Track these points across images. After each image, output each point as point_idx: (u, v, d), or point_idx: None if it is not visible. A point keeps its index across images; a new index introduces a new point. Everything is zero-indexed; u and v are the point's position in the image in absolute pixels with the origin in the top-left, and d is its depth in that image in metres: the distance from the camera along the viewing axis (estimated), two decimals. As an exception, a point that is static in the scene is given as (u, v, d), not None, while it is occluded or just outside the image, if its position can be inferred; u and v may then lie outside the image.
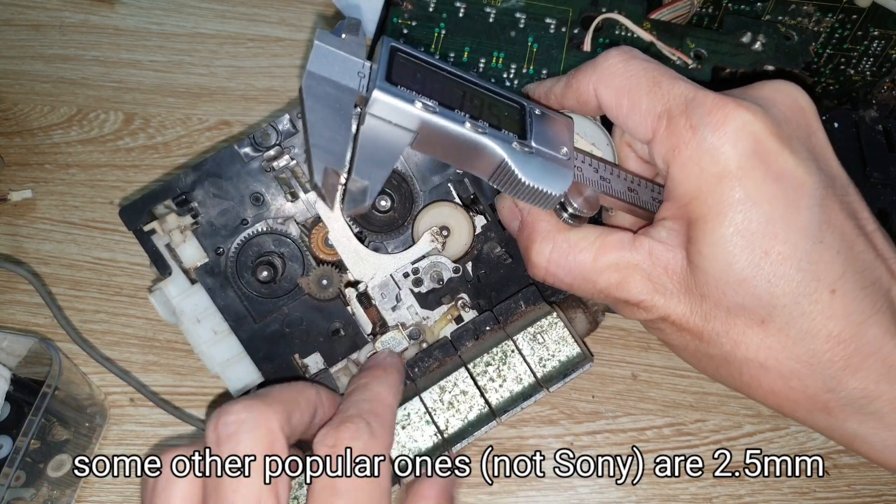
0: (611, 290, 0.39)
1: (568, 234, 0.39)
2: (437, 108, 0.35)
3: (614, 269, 0.38)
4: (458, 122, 0.36)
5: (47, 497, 0.56)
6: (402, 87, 0.35)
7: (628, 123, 0.39)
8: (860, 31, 0.63)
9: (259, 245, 0.44)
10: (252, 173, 0.44)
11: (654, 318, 0.39)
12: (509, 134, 0.37)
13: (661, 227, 0.38)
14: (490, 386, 0.43)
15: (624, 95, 0.39)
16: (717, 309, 0.37)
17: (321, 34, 0.36)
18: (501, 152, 0.37)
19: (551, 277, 0.41)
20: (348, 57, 0.36)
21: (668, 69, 0.39)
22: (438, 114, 0.35)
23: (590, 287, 0.40)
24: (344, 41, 0.36)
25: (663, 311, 0.38)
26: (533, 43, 0.60)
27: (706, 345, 0.38)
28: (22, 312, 0.65)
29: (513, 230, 0.43)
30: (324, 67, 0.36)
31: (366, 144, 0.36)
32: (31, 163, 0.71)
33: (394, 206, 0.44)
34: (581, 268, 0.39)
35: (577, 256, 0.39)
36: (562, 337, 0.44)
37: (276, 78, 0.76)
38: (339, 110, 0.36)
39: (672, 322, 0.39)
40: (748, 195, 0.35)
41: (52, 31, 0.78)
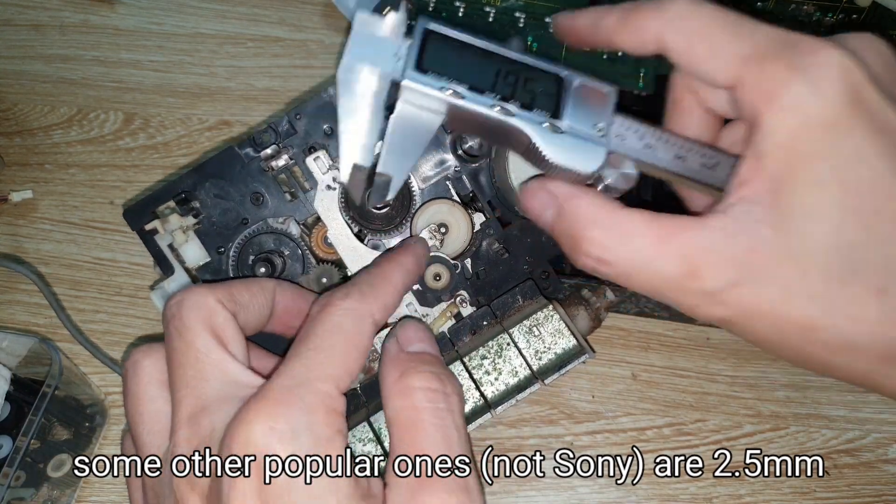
0: (680, 282, 0.33)
1: (619, 215, 0.34)
2: (465, 92, 0.35)
3: (681, 257, 0.33)
4: (486, 106, 0.36)
5: (47, 497, 0.56)
6: (432, 73, 0.35)
7: (704, 69, 0.35)
8: (860, 31, 0.63)
9: (260, 244, 0.45)
10: (252, 174, 0.45)
11: (738, 312, 0.33)
12: (541, 113, 0.36)
13: (740, 200, 0.33)
14: (485, 379, 0.44)
15: (700, 39, 0.34)
16: (825, 282, 0.31)
17: (360, 16, 0.36)
18: (529, 133, 0.36)
19: (605, 267, 0.35)
20: (386, 38, 0.36)
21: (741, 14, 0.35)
22: (467, 98, 0.35)
23: (653, 279, 0.34)
24: (384, 21, 0.36)
25: (753, 301, 0.32)
26: (532, 42, 0.60)
27: (816, 331, 0.32)
28: (22, 312, 0.65)
29: (546, 220, 0.37)
30: (360, 53, 0.36)
31: (396, 132, 0.36)
32: (31, 163, 0.71)
33: (391, 204, 0.44)
34: (640, 255, 0.34)
35: (634, 242, 0.34)
36: (558, 329, 0.44)
37: (276, 78, 0.76)
38: (371, 99, 0.36)
39: (766, 312, 0.32)
40: (856, 148, 0.31)
41: (52, 31, 0.78)
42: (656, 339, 0.64)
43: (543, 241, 0.46)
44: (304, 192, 0.45)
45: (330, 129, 0.44)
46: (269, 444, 0.31)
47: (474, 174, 0.46)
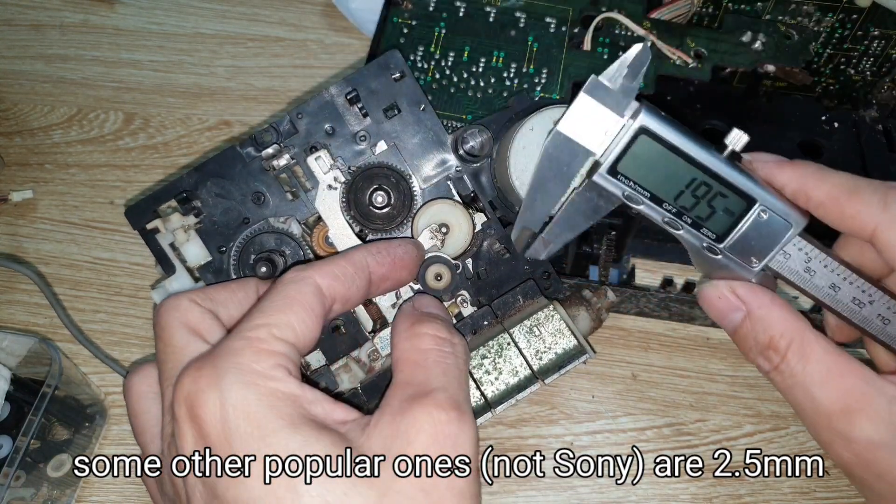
0: (829, 416, 0.36)
1: (806, 335, 0.37)
2: (644, 200, 0.38)
3: (844, 393, 0.35)
4: (656, 215, 0.39)
5: (47, 497, 0.56)
6: (622, 177, 0.38)
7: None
8: (860, 31, 0.63)
9: (261, 243, 0.44)
10: (253, 173, 0.45)
11: (866, 467, 0.35)
12: (706, 233, 0.39)
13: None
14: (486, 378, 0.44)
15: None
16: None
17: (593, 83, 0.38)
18: (687, 247, 0.40)
19: (775, 374, 0.38)
20: (605, 112, 0.38)
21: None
22: (644, 206, 0.39)
23: (807, 401, 0.36)
24: (612, 90, 0.38)
25: (887, 465, 0.35)
26: (533, 42, 0.60)
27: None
28: (22, 312, 0.65)
29: (732, 321, 0.39)
30: (574, 126, 0.38)
31: (572, 208, 0.40)
32: (31, 163, 0.71)
33: (392, 204, 0.44)
34: (809, 377, 0.36)
35: (810, 363, 0.36)
36: (558, 329, 0.44)
37: (276, 78, 0.76)
38: (564, 173, 0.39)
39: (893, 479, 0.35)
40: None
41: (52, 31, 0.78)
42: (656, 339, 0.64)
43: (544, 240, 0.46)
44: (306, 192, 0.45)
45: (332, 128, 0.44)
46: (195, 391, 0.33)
47: (475, 174, 0.46)
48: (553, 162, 0.39)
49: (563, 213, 0.40)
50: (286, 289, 0.37)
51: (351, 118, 0.44)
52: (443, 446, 0.34)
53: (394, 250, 0.42)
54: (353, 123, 0.44)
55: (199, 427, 0.33)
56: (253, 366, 0.33)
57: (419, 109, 0.45)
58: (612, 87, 0.38)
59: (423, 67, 0.59)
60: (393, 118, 0.45)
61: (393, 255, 0.41)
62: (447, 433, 0.34)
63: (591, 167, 0.39)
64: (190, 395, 0.33)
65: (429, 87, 0.59)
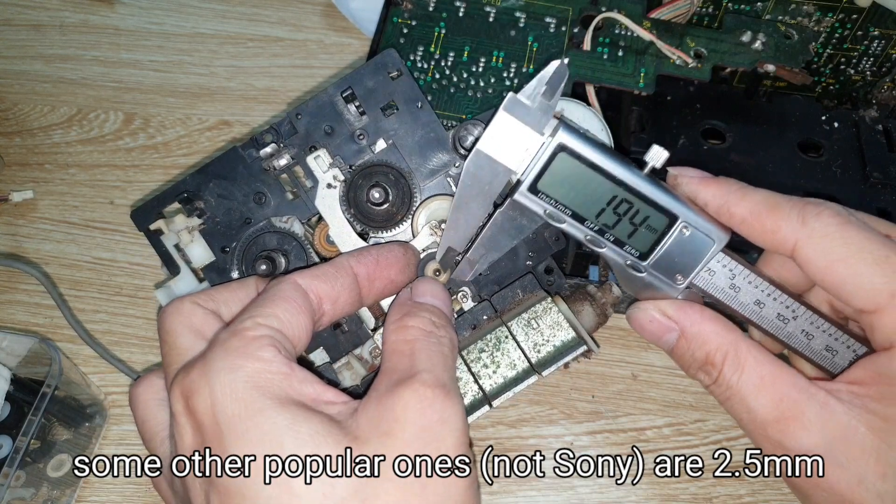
0: (765, 424, 0.36)
1: (740, 346, 0.37)
2: (566, 218, 0.39)
3: (777, 402, 0.36)
4: (580, 233, 0.39)
5: (47, 497, 0.56)
6: (542, 195, 0.39)
7: (841, 291, 0.36)
8: (860, 31, 0.63)
9: (263, 243, 0.45)
10: (254, 174, 0.45)
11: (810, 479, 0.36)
12: (630, 251, 0.39)
13: (844, 389, 0.36)
14: (484, 372, 0.44)
15: (840, 263, 0.36)
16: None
17: (511, 101, 0.38)
18: (611, 264, 0.40)
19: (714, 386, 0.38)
20: (525, 129, 0.38)
21: (889, 241, 0.36)
22: (566, 223, 0.39)
23: (743, 411, 0.37)
24: (531, 107, 0.38)
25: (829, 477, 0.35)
26: (533, 42, 0.60)
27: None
28: (22, 312, 0.65)
29: (667, 341, 0.40)
30: (494, 144, 0.39)
31: (494, 227, 0.41)
32: (31, 163, 0.71)
33: (392, 201, 0.44)
34: (744, 386, 0.37)
35: (745, 373, 0.37)
36: (556, 322, 0.44)
37: (276, 78, 0.76)
38: (486, 192, 0.40)
39: (835, 490, 0.35)
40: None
41: (52, 31, 0.78)
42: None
43: (546, 236, 0.46)
44: (306, 191, 0.45)
45: (330, 128, 0.44)
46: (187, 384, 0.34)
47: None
48: (475, 181, 0.39)
49: (487, 233, 0.41)
50: (268, 291, 0.38)
51: (349, 117, 0.45)
52: (430, 422, 0.34)
53: (377, 250, 0.42)
54: (351, 122, 0.45)
55: (194, 418, 0.34)
56: (239, 350, 0.34)
57: (417, 107, 0.45)
58: (531, 105, 0.38)
59: (422, 67, 0.59)
60: (391, 116, 0.45)
61: (376, 255, 0.42)
62: (434, 409, 0.34)
63: (511, 186, 0.39)
64: (184, 389, 0.34)
65: (429, 86, 0.59)
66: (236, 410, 0.33)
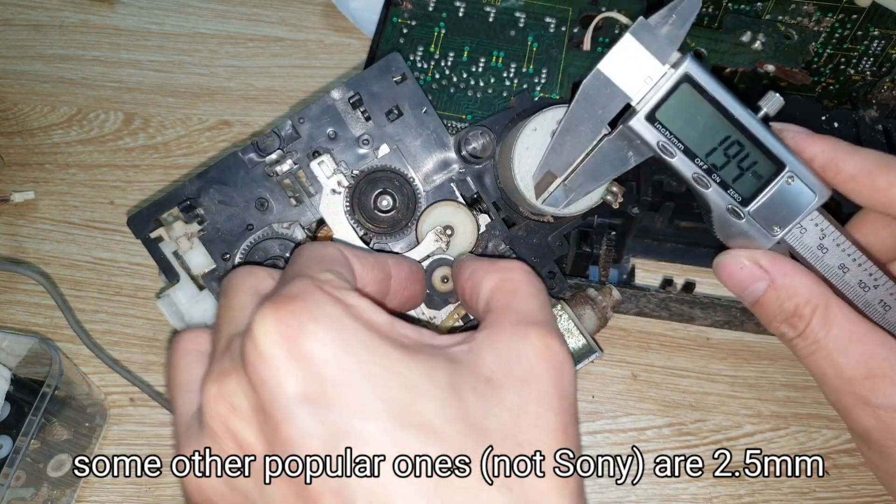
0: (851, 381, 0.36)
1: (831, 302, 0.37)
2: (677, 152, 0.38)
3: (868, 358, 0.36)
4: (687, 171, 0.38)
5: (47, 497, 0.56)
6: (659, 125, 0.38)
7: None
8: (860, 31, 0.63)
9: (265, 250, 0.44)
10: (256, 179, 0.44)
11: (885, 433, 0.36)
12: (733, 194, 0.38)
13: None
14: None
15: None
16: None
17: (640, 25, 0.37)
18: (712, 207, 0.39)
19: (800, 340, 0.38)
20: (648, 56, 0.37)
21: None
22: (675, 158, 0.38)
23: (829, 367, 0.37)
24: (658, 35, 0.37)
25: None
26: (533, 42, 0.60)
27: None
28: (22, 312, 0.65)
29: (754, 291, 0.39)
30: (615, 67, 0.37)
31: (598, 155, 0.39)
32: (31, 163, 0.71)
33: (397, 207, 0.44)
34: (833, 342, 0.37)
35: (833, 329, 0.37)
36: (567, 329, 0.44)
37: (276, 78, 0.76)
38: (599, 116, 0.38)
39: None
40: None
41: (52, 31, 0.78)
42: (656, 339, 0.65)
43: (549, 241, 0.46)
44: (309, 197, 0.45)
45: (334, 132, 0.44)
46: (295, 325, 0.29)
47: (478, 175, 0.46)
48: (589, 103, 0.38)
49: (591, 161, 0.39)
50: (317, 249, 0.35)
51: (353, 122, 0.44)
52: (560, 377, 0.32)
53: (411, 262, 0.41)
54: (355, 127, 0.44)
55: (309, 366, 0.28)
56: (345, 300, 0.31)
57: (421, 112, 0.45)
58: (659, 33, 0.37)
59: (422, 67, 0.59)
60: (395, 121, 0.45)
61: (409, 265, 0.41)
62: (559, 361, 0.32)
63: (626, 114, 0.38)
64: (291, 330, 0.29)
65: (428, 87, 0.59)
66: (371, 359, 0.29)
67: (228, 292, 0.35)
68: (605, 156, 0.39)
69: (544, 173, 0.40)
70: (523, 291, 0.36)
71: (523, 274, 0.37)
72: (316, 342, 0.29)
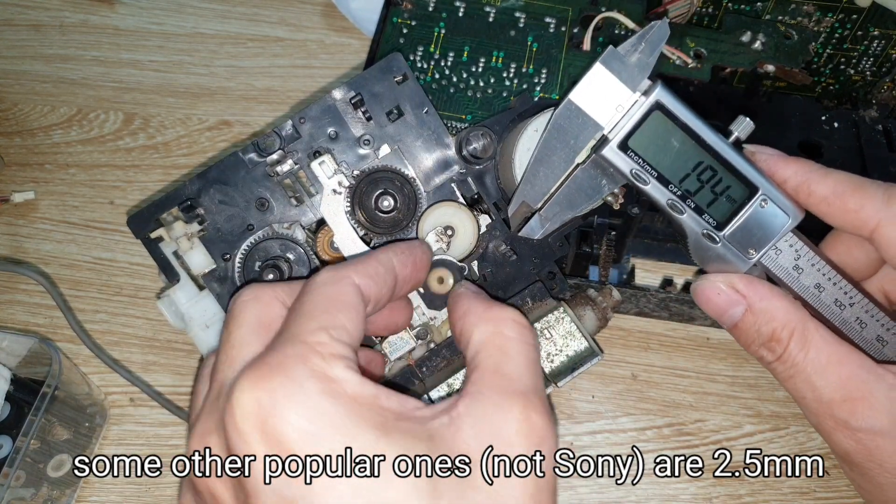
0: (830, 404, 0.36)
1: (808, 325, 0.37)
2: (651, 180, 0.38)
3: (844, 382, 0.36)
4: (662, 198, 0.39)
5: (47, 497, 0.56)
6: (631, 153, 0.38)
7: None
8: (860, 31, 0.63)
9: (265, 250, 0.44)
10: (256, 179, 0.44)
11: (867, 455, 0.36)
12: (707, 219, 0.39)
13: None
14: None
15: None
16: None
17: (610, 54, 0.37)
18: (687, 232, 0.39)
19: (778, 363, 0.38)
20: (618, 85, 0.38)
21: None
22: (649, 186, 0.38)
23: (807, 390, 0.37)
24: (628, 63, 0.38)
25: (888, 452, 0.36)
26: (532, 42, 0.60)
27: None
28: (22, 312, 0.65)
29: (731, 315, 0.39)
30: (586, 97, 0.38)
31: (573, 184, 0.40)
32: (31, 163, 0.71)
33: (398, 207, 0.44)
34: (811, 365, 0.37)
35: (811, 352, 0.37)
36: (569, 332, 0.44)
37: (276, 78, 0.76)
38: (571, 146, 0.39)
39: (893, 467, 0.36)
40: None
41: (52, 31, 0.78)
42: (656, 339, 0.65)
43: (549, 241, 0.46)
44: (310, 197, 0.44)
45: (335, 132, 0.44)
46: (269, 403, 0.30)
47: (479, 176, 0.46)
48: (561, 133, 0.39)
49: (565, 190, 0.40)
50: (327, 290, 0.35)
51: (354, 122, 0.44)
52: (536, 447, 0.32)
53: (414, 251, 0.41)
54: (356, 127, 0.44)
55: (276, 444, 0.29)
56: (327, 372, 0.31)
57: (422, 112, 0.45)
58: (629, 61, 0.37)
59: (422, 67, 0.59)
60: (396, 121, 0.44)
61: (414, 257, 0.40)
62: (539, 438, 0.32)
63: (598, 143, 0.38)
64: (263, 408, 0.30)
65: (428, 86, 0.59)
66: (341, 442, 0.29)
67: (230, 323, 0.35)
68: (579, 185, 0.40)
69: (519, 204, 0.40)
70: (513, 352, 0.35)
71: (515, 330, 0.36)
72: (286, 424, 0.29)
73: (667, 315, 0.62)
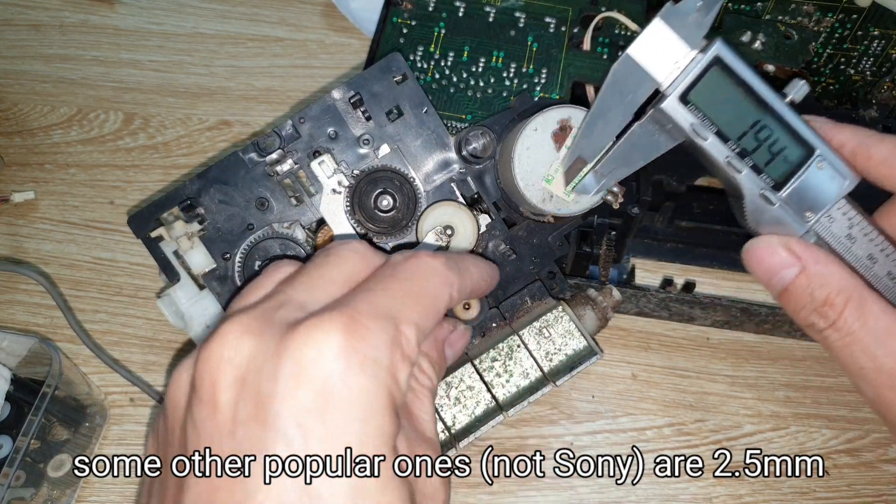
0: (892, 372, 0.35)
1: (865, 293, 0.36)
2: (710, 135, 0.37)
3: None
4: (720, 155, 0.38)
5: (47, 497, 0.56)
6: (692, 106, 0.37)
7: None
8: (860, 30, 0.63)
9: (265, 249, 0.44)
10: (257, 179, 0.44)
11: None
12: (765, 179, 0.38)
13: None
14: (496, 381, 0.44)
15: None
16: None
17: (669, 10, 0.36)
18: (744, 192, 0.38)
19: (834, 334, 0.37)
20: (677, 41, 0.37)
21: None
22: (708, 142, 0.37)
23: (867, 360, 0.36)
24: (687, 21, 0.37)
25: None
26: (532, 42, 0.60)
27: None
28: (22, 312, 0.65)
29: (783, 277, 0.38)
30: (645, 52, 0.37)
31: (629, 141, 0.39)
32: (31, 163, 0.71)
33: (397, 207, 0.44)
34: (870, 336, 0.36)
35: (870, 322, 0.35)
36: (568, 331, 0.44)
37: (276, 78, 0.76)
38: (628, 101, 0.38)
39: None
40: None
41: (52, 31, 0.78)
42: (656, 339, 0.65)
43: (550, 241, 0.46)
44: (310, 197, 0.45)
45: (334, 132, 0.44)
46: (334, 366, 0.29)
47: (479, 175, 0.46)
48: (618, 88, 0.38)
49: (622, 147, 0.39)
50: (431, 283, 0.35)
51: (353, 122, 0.44)
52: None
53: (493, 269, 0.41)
54: (355, 127, 0.44)
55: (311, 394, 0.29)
56: (396, 374, 0.31)
57: (422, 112, 0.45)
58: (687, 18, 0.37)
59: (422, 67, 0.59)
60: (395, 121, 0.45)
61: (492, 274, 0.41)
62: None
63: (656, 99, 0.38)
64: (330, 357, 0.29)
65: (428, 87, 0.59)
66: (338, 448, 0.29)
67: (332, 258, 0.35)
68: (636, 141, 0.39)
69: (574, 158, 0.40)
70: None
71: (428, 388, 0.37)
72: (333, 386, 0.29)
73: (667, 315, 0.62)
